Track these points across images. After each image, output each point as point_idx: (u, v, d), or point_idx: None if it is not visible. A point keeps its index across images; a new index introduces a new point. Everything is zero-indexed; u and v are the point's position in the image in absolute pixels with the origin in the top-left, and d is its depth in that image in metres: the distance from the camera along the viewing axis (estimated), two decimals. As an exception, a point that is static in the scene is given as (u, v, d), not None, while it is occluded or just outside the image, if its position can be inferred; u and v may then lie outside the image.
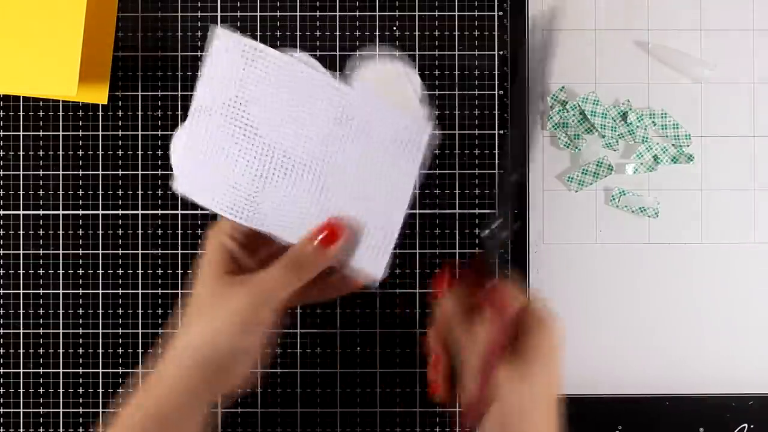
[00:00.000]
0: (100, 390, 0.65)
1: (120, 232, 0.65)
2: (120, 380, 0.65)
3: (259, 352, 0.51)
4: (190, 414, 0.50)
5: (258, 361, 0.51)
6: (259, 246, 0.52)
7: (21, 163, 0.65)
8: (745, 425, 0.65)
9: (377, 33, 0.65)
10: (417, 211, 0.65)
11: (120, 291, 0.65)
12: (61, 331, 0.65)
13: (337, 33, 0.65)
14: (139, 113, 0.65)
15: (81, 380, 0.65)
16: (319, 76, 0.51)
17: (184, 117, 0.65)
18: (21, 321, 0.65)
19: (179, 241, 0.65)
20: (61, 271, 0.65)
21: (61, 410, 0.65)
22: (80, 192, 0.65)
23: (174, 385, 0.49)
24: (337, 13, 0.65)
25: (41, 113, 0.65)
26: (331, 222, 0.51)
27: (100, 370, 0.65)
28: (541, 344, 0.50)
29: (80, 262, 0.65)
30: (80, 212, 0.65)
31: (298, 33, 0.65)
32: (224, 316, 0.49)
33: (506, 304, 0.50)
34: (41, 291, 0.65)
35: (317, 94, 0.51)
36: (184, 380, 0.49)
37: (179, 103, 0.65)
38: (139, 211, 0.65)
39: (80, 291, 0.65)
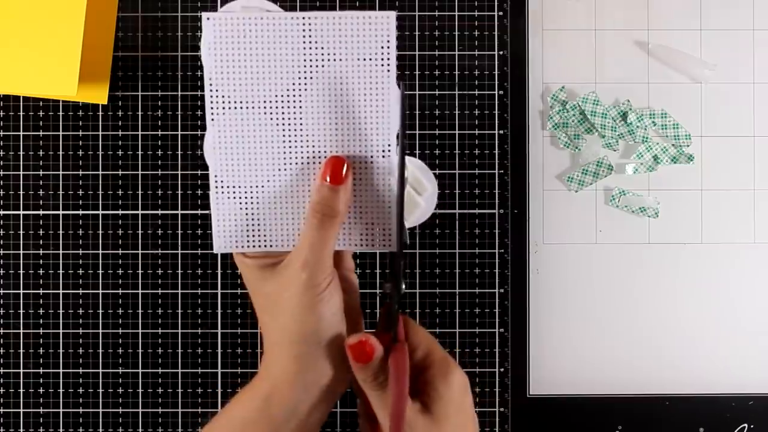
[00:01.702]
0: (100, 390, 0.65)
1: (120, 232, 0.65)
2: (120, 380, 0.65)
3: (341, 323, 0.50)
4: (301, 419, 0.50)
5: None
6: None
7: (21, 163, 0.65)
8: (745, 425, 0.65)
9: (377, 33, 0.65)
10: (417, 211, 0.65)
11: (120, 291, 0.65)
12: (61, 331, 0.65)
13: (337, 33, 0.65)
14: (139, 113, 0.65)
15: (81, 380, 0.65)
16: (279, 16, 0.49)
17: (184, 117, 0.65)
18: (21, 321, 0.65)
19: (179, 241, 0.65)
20: (61, 271, 0.65)
21: (61, 410, 0.65)
22: (80, 192, 0.65)
23: (282, 392, 0.49)
24: (337, 13, 0.65)
25: (41, 113, 0.65)
26: (332, 159, 0.49)
27: (100, 370, 0.65)
28: (446, 393, 0.48)
29: (80, 262, 0.65)
30: (80, 212, 0.65)
31: (298, 33, 0.65)
32: (294, 300, 0.48)
33: (401, 361, 0.48)
34: (41, 291, 0.65)
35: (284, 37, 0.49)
36: (292, 387, 0.49)
37: (179, 103, 0.65)
38: (139, 211, 0.65)
39: (80, 291, 0.65)
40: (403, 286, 0.51)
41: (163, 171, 0.65)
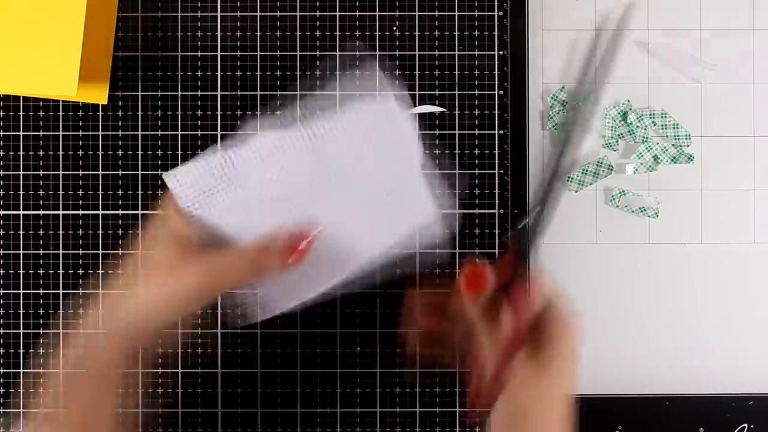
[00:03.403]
0: (100, 390, 0.65)
1: (120, 232, 0.65)
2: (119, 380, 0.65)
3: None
4: (114, 367, 0.52)
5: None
6: None
7: (21, 163, 0.65)
8: (745, 425, 0.65)
9: (377, 33, 0.65)
10: (417, 211, 0.65)
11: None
12: (61, 330, 0.65)
13: (337, 33, 0.65)
14: (139, 113, 0.65)
15: (81, 380, 0.65)
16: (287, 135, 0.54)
17: (184, 117, 0.65)
18: (21, 321, 0.65)
19: (179, 241, 0.65)
20: (61, 271, 0.65)
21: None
22: (80, 192, 0.65)
23: (106, 341, 0.51)
24: (337, 13, 0.65)
25: (41, 113, 0.65)
26: (302, 233, 0.52)
27: (100, 370, 0.65)
28: (558, 346, 0.49)
29: (80, 262, 0.65)
30: (80, 212, 0.65)
31: (298, 33, 0.65)
32: (177, 290, 0.50)
33: (524, 306, 0.49)
34: (41, 291, 0.65)
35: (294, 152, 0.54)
36: (116, 339, 0.51)
37: (179, 103, 0.65)
38: (139, 211, 0.65)
39: (80, 291, 0.65)
40: (543, 219, 0.52)
41: (163, 171, 0.65)
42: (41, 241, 0.65)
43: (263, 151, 0.54)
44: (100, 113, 0.65)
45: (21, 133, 0.65)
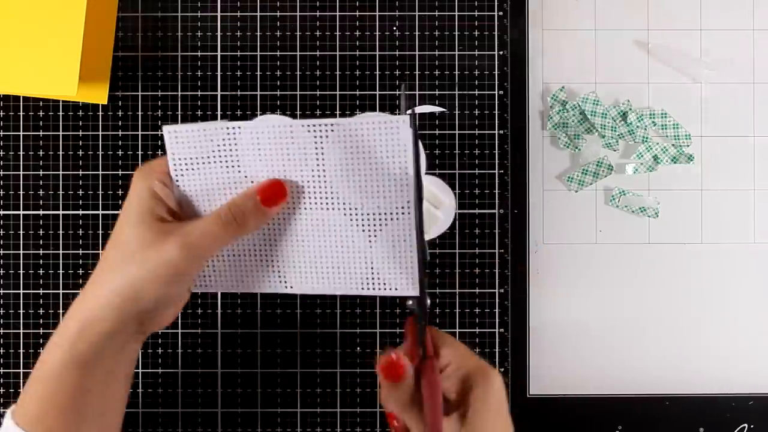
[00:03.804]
0: (100, 390, 0.65)
1: (120, 232, 0.65)
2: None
3: (185, 300, 0.52)
4: (112, 355, 0.50)
5: (183, 305, 0.53)
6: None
7: (21, 163, 0.65)
8: (745, 425, 0.65)
9: (377, 33, 0.65)
10: (417, 211, 0.65)
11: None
12: (61, 331, 0.65)
13: (337, 33, 0.65)
14: (139, 113, 0.65)
15: (81, 380, 0.65)
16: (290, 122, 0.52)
17: (184, 117, 0.65)
18: (21, 321, 0.65)
19: (179, 241, 0.65)
20: (61, 271, 0.65)
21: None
22: (80, 192, 0.65)
23: (94, 327, 0.50)
24: (337, 13, 0.65)
25: (41, 113, 0.65)
26: (276, 182, 0.51)
27: (100, 370, 0.65)
28: (484, 404, 0.48)
29: (80, 262, 0.65)
30: (80, 212, 0.65)
31: (298, 33, 0.65)
32: (153, 266, 0.49)
33: (434, 379, 0.48)
34: (41, 291, 0.65)
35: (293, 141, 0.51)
36: (105, 324, 0.50)
37: (179, 103, 0.65)
38: (139, 211, 0.65)
39: (80, 291, 0.65)
40: (428, 302, 0.51)
41: (163, 171, 0.65)
42: (41, 241, 0.65)
43: (267, 138, 0.51)
44: (100, 113, 0.65)
45: (21, 133, 0.65)
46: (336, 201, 0.51)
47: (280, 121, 0.51)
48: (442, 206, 0.63)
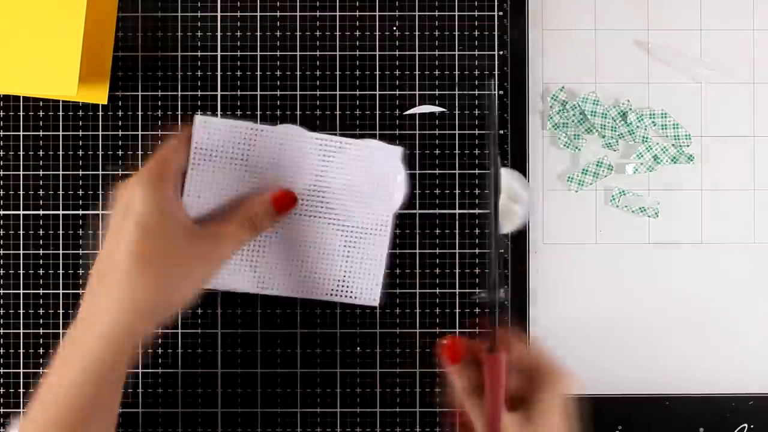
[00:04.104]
0: (100, 390, 0.65)
1: (120, 232, 0.65)
2: (120, 380, 0.65)
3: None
4: (125, 363, 0.52)
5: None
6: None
7: (21, 163, 0.65)
8: (745, 425, 0.65)
9: (377, 33, 0.65)
10: (417, 212, 0.65)
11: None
12: (61, 331, 0.65)
13: (337, 33, 0.65)
14: (139, 113, 0.65)
15: (81, 380, 0.65)
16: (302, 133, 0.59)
17: (184, 117, 0.65)
18: (21, 321, 0.65)
19: (179, 241, 0.65)
20: (61, 271, 0.65)
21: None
22: (80, 192, 0.65)
23: (119, 345, 0.50)
24: (337, 13, 0.65)
25: (41, 113, 0.65)
26: (289, 192, 0.56)
27: (100, 370, 0.65)
28: (548, 401, 0.49)
29: (80, 262, 0.65)
30: (80, 212, 0.65)
31: (298, 33, 0.65)
32: (202, 273, 0.52)
33: (497, 373, 0.50)
34: (41, 291, 0.65)
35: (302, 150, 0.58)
36: (132, 338, 0.51)
37: (179, 103, 0.65)
38: (139, 211, 0.65)
39: (80, 291, 0.65)
40: (502, 294, 0.52)
41: (163, 171, 0.65)
42: (41, 241, 0.65)
43: (281, 143, 0.57)
44: (100, 113, 0.65)
45: (21, 133, 0.65)
46: (326, 211, 0.58)
47: (297, 131, 0.58)
48: (520, 201, 0.63)
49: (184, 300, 0.52)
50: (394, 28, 0.65)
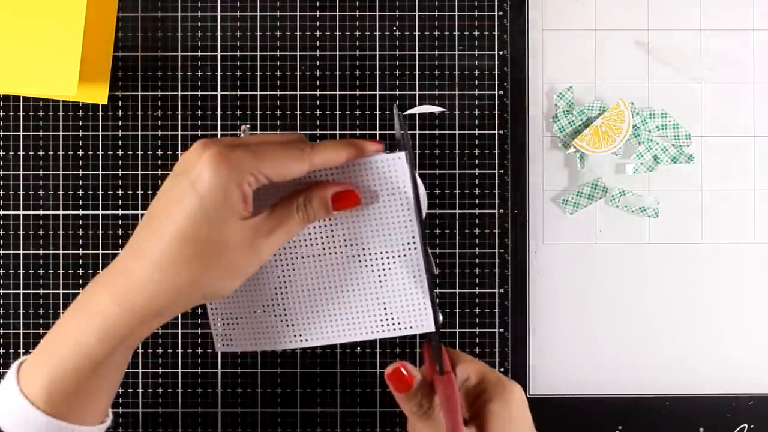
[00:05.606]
0: (100, 390, 0.65)
1: (120, 232, 0.65)
2: (120, 380, 0.65)
3: None
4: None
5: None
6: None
7: (21, 163, 0.65)
8: (745, 425, 0.65)
9: (377, 33, 0.65)
10: (417, 211, 0.65)
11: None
12: (61, 331, 0.65)
13: (337, 33, 0.65)
14: (139, 113, 0.65)
15: (81, 380, 0.65)
16: None
17: (184, 117, 0.65)
18: (21, 321, 0.65)
19: (179, 241, 0.65)
20: (61, 271, 0.65)
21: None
22: (80, 192, 0.65)
23: (151, 323, 0.49)
24: (337, 13, 0.65)
25: (41, 113, 0.65)
26: (351, 192, 0.51)
27: (100, 370, 0.65)
28: (503, 415, 0.50)
29: (80, 262, 0.65)
30: (80, 212, 0.65)
31: (298, 33, 0.65)
32: (244, 264, 0.49)
33: (452, 393, 0.50)
34: (41, 291, 0.65)
35: None
36: (159, 320, 0.49)
37: (179, 103, 0.65)
38: (139, 211, 0.65)
39: (80, 291, 0.65)
40: (441, 318, 0.53)
41: (163, 171, 0.65)
42: (41, 241, 0.65)
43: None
44: (100, 113, 0.65)
45: (21, 133, 0.65)
46: (343, 243, 0.52)
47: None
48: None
49: (213, 289, 0.48)
50: (394, 28, 0.65)
